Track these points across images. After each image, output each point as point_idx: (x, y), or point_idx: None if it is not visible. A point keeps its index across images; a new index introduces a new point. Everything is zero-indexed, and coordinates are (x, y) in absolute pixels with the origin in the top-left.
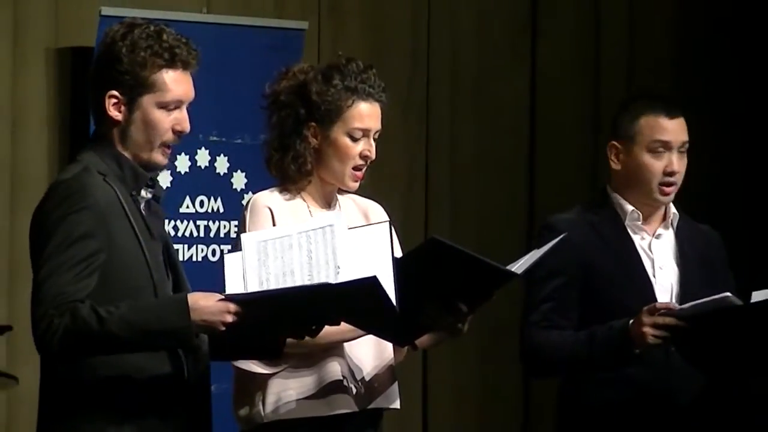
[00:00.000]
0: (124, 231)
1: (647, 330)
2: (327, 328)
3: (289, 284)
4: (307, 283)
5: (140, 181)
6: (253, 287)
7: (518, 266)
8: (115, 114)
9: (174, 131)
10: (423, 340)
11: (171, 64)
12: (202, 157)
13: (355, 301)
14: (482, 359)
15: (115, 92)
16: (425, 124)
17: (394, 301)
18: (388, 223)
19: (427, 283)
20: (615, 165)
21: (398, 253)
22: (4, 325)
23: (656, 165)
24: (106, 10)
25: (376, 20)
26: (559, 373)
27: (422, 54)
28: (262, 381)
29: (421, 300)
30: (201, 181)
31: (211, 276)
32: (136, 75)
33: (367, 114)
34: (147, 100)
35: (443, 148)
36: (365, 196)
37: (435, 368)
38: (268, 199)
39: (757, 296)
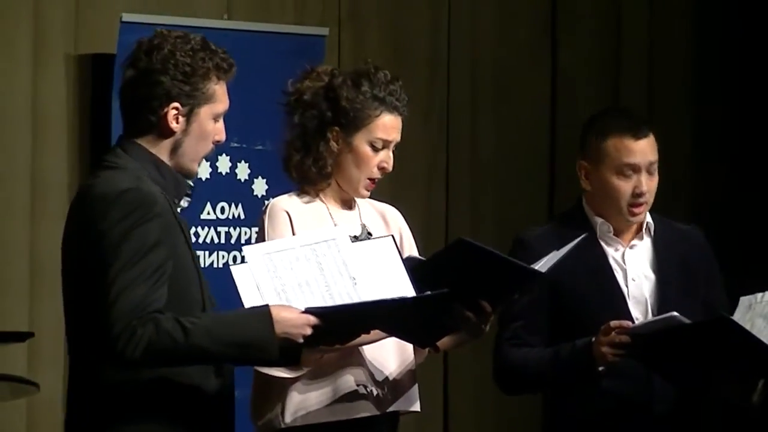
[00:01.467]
0: (179, 238)
1: (605, 350)
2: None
3: (308, 295)
4: (326, 295)
5: (181, 190)
6: (270, 297)
7: (541, 265)
8: (174, 126)
9: (213, 142)
10: (445, 342)
11: (226, 74)
12: (223, 164)
13: (425, 313)
14: None
15: (177, 104)
16: (446, 127)
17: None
18: (391, 237)
19: (452, 283)
20: (585, 185)
21: (414, 256)
22: (25, 332)
23: (624, 187)
24: (127, 17)
25: (395, 25)
26: (529, 391)
27: (442, 57)
28: (281, 387)
29: (445, 301)
30: (222, 188)
31: (232, 283)
32: (198, 87)
33: (391, 126)
34: (204, 112)
35: (464, 151)
36: (385, 199)
37: (455, 371)
38: (286, 203)
39: (743, 302)
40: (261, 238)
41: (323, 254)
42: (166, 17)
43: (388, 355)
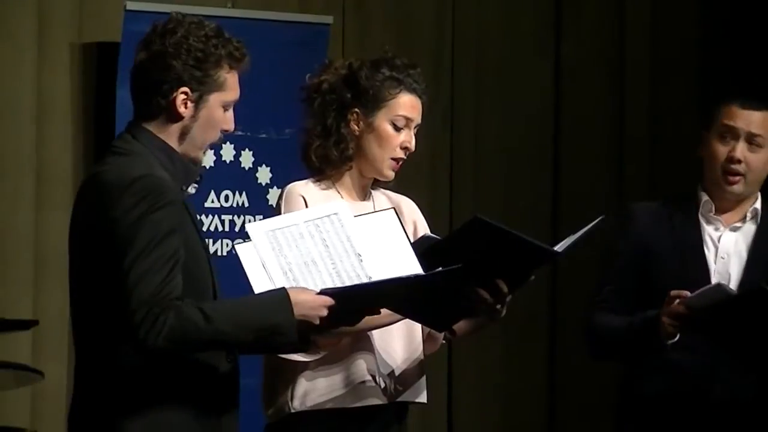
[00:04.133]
0: (189, 225)
1: (665, 320)
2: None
3: (315, 274)
4: (333, 273)
5: (190, 177)
6: (278, 276)
7: (559, 246)
8: (183, 110)
9: (221, 130)
10: (461, 327)
11: (239, 64)
12: (227, 152)
13: (440, 290)
14: (507, 353)
15: (186, 89)
16: (450, 117)
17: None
18: (393, 209)
19: (468, 263)
20: (700, 153)
21: (430, 235)
22: (30, 320)
23: (721, 150)
24: (131, 5)
25: (400, 14)
26: (608, 356)
27: (447, 47)
28: (291, 373)
29: (462, 282)
30: (226, 176)
31: (236, 271)
32: (210, 73)
33: (411, 105)
34: (214, 99)
35: (468, 141)
36: (389, 189)
37: (459, 360)
38: (302, 188)
39: None
40: None
41: (327, 230)
42: (171, 6)
43: (397, 344)
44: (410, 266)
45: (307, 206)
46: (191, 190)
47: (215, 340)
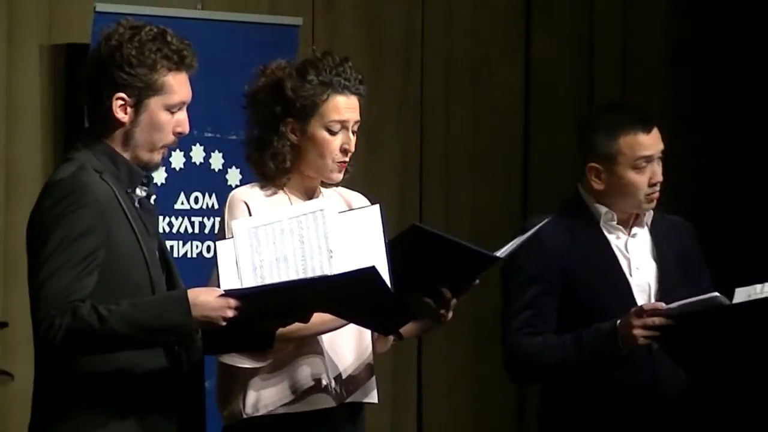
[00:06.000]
0: (123, 228)
1: (637, 332)
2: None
3: (282, 270)
4: (300, 269)
5: (136, 179)
6: (247, 274)
7: (501, 251)
8: (121, 116)
9: (174, 133)
10: (408, 329)
11: (179, 66)
12: (197, 154)
13: (353, 291)
14: (476, 353)
15: (122, 94)
16: (419, 118)
17: (390, 287)
18: (378, 206)
19: (411, 270)
20: (597, 185)
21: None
22: None
23: (641, 180)
24: (101, 7)
25: (370, 15)
26: (547, 379)
27: (416, 49)
28: (243, 378)
29: (405, 287)
30: (196, 178)
31: (206, 273)
32: (145, 77)
33: (343, 106)
34: (154, 103)
35: (437, 143)
36: (358, 191)
37: (430, 360)
38: (246, 194)
39: (740, 293)
40: (221, 228)
41: (307, 227)
42: (140, 7)
43: (346, 346)
44: (379, 265)
45: (250, 212)
46: (141, 192)
47: (110, 342)
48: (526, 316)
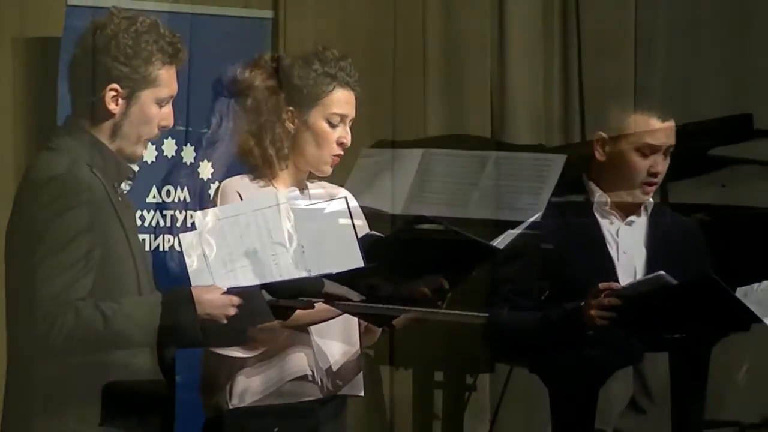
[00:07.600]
0: (113, 224)
1: (594, 312)
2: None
3: (254, 264)
4: (272, 263)
5: (123, 173)
6: (217, 267)
7: (498, 242)
8: (112, 107)
9: (159, 127)
10: (400, 320)
11: (172, 60)
12: (169, 147)
13: (354, 285)
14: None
15: (116, 85)
16: (392, 111)
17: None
18: (344, 198)
19: (408, 261)
20: (600, 156)
21: (373, 233)
22: None
23: (642, 164)
24: (73, 0)
25: (341, 8)
26: (516, 354)
27: (389, 41)
28: (230, 369)
29: (400, 279)
30: (167, 171)
31: (178, 266)
32: (139, 70)
33: (345, 100)
34: (146, 95)
35: (410, 135)
36: (332, 183)
37: (401, 353)
38: (237, 184)
39: (738, 292)
40: None
41: (273, 219)
42: (113, 0)
43: (335, 339)
44: (351, 257)
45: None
46: (125, 186)
47: (115, 341)
48: (507, 289)
